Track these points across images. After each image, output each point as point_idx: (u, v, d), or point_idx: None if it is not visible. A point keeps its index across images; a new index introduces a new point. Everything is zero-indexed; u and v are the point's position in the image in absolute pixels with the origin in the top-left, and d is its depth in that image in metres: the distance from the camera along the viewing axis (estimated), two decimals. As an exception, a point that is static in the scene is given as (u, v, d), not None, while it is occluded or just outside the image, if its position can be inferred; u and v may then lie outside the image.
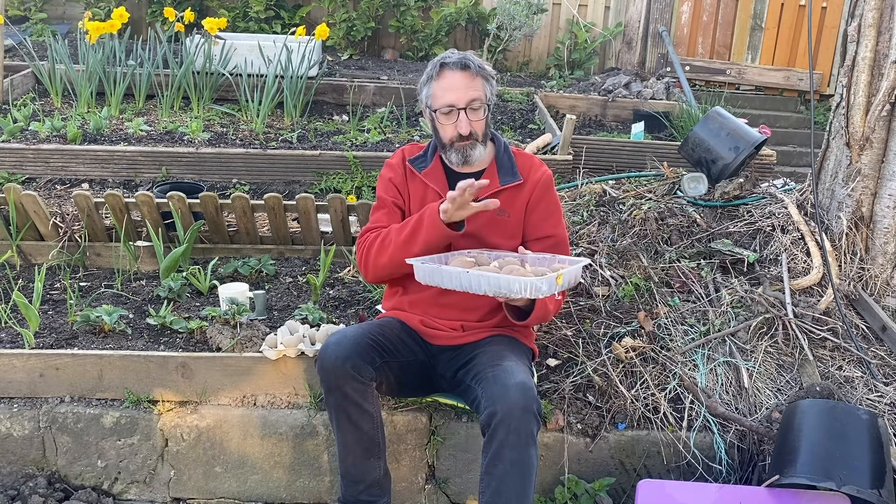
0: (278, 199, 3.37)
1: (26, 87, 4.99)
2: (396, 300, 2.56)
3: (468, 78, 2.35)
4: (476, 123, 2.38)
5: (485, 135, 2.43)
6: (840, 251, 3.18)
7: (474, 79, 2.36)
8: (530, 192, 2.46)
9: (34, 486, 2.60)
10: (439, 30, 6.46)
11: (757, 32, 6.73)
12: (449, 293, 2.36)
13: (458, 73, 2.35)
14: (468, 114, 2.36)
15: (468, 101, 2.35)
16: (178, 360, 2.65)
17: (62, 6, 6.60)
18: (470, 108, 2.36)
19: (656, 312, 3.00)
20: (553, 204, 2.50)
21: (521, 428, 2.10)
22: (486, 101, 2.40)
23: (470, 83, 2.35)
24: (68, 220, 3.44)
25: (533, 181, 2.47)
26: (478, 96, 2.36)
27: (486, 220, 2.42)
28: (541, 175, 2.49)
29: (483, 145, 2.44)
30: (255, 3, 6.25)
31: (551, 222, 2.48)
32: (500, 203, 2.32)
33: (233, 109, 4.82)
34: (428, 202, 2.44)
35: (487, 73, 2.40)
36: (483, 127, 2.41)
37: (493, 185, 2.41)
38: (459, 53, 2.39)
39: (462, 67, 2.35)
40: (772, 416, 2.63)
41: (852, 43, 3.16)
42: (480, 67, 2.38)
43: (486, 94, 2.39)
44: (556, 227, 2.49)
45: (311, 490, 2.72)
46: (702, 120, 3.75)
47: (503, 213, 2.44)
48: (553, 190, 2.52)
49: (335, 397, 2.31)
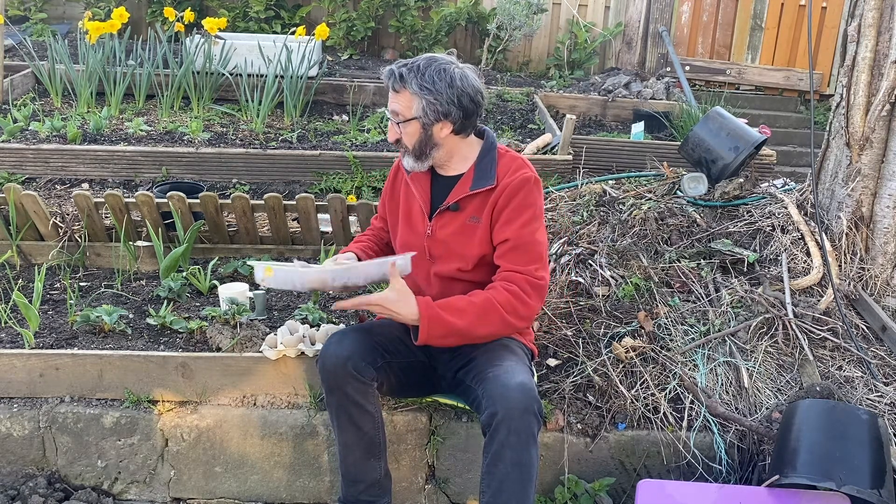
0: (278, 199, 3.37)
1: (26, 87, 4.99)
2: None
3: (392, 91, 2.29)
4: (404, 135, 2.32)
5: (416, 149, 2.32)
6: (840, 251, 3.18)
7: (399, 93, 2.27)
8: (499, 194, 2.32)
9: (34, 486, 2.60)
10: (439, 30, 6.46)
11: (757, 32, 6.73)
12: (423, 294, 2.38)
13: (388, 84, 2.31)
14: (397, 124, 2.32)
15: (391, 112, 2.33)
16: (178, 360, 2.65)
17: (62, 6, 6.60)
18: (393, 120, 2.32)
19: (656, 312, 3.00)
20: (521, 207, 2.31)
21: (522, 428, 2.10)
22: (415, 116, 2.26)
23: (394, 96, 2.29)
24: (68, 220, 3.44)
25: (503, 185, 2.32)
26: (397, 110, 2.29)
27: (458, 227, 2.37)
28: (514, 178, 2.32)
29: (413, 158, 2.35)
30: (255, 3, 6.25)
31: (513, 226, 2.30)
32: (472, 209, 2.32)
33: (233, 109, 4.82)
34: (412, 203, 2.45)
35: (422, 88, 2.23)
36: (411, 141, 2.31)
37: (464, 189, 2.37)
38: (398, 64, 2.29)
39: (386, 79, 2.30)
40: (772, 416, 2.63)
41: (852, 43, 3.16)
42: (403, 81, 2.24)
43: (413, 110, 2.26)
44: (518, 231, 2.30)
45: (311, 490, 2.72)
46: (702, 120, 3.75)
47: (475, 220, 2.35)
48: (525, 191, 2.32)
49: (336, 397, 2.32)
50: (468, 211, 2.35)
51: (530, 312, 2.30)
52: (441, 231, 2.38)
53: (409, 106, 2.26)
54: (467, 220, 2.35)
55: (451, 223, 2.37)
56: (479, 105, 2.32)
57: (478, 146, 2.41)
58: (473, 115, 2.31)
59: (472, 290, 2.35)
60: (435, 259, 2.42)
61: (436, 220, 2.39)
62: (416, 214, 2.44)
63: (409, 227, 2.46)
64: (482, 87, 2.33)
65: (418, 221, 2.43)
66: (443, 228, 2.38)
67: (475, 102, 2.29)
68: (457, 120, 2.28)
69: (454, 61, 2.30)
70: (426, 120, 2.27)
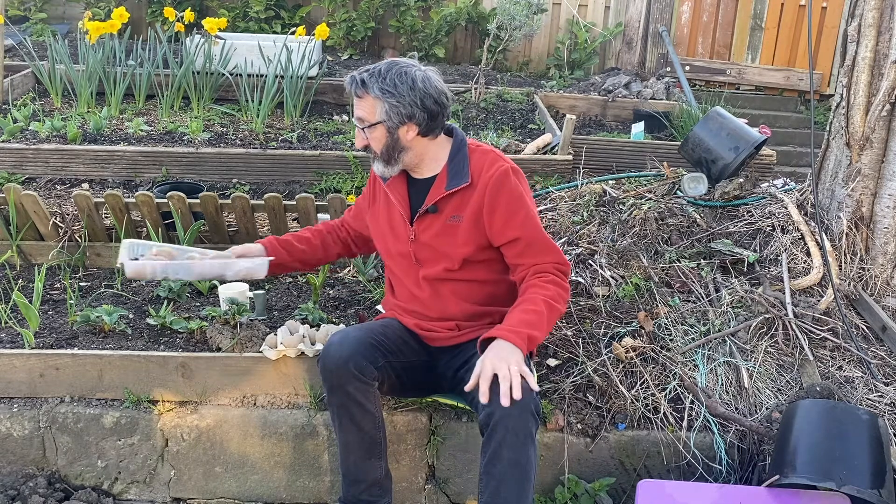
0: (278, 199, 3.37)
1: (26, 87, 4.99)
2: (392, 303, 2.57)
3: (356, 98, 2.31)
4: (371, 140, 2.33)
5: (384, 154, 2.33)
6: (840, 251, 3.18)
7: (362, 99, 2.29)
8: (481, 194, 2.31)
9: (34, 486, 2.60)
10: (439, 30, 6.46)
11: (757, 32, 6.73)
12: (416, 298, 2.43)
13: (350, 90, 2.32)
14: (362, 130, 2.33)
15: (356, 119, 2.34)
16: (178, 360, 2.65)
17: (62, 6, 6.60)
18: (359, 126, 2.34)
19: (656, 312, 3.00)
20: (514, 202, 2.31)
21: (520, 428, 2.10)
22: (380, 120, 2.28)
23: (358, 102, 2.31)
24: (68, 220, 3.44)
25: (483, 182, 2.31)
26: (362, 116, 2.30)
27: (440, 229, 2.37)
28: (492, 173, 2.31)
29: (383, 163, 2.36)
30: (255, 3, 6.25)
31: (516, 222, 2.31)
32: (451, 208, 2.33)
33: (233, 109, 4.82)
34: (392, 211, 2.45)
35: (384, 91, 2.24)
36: (379, 145, 2.32)
37: (440, 190, 2.37)
38: (359, 70, 2.30)
39: (349, 86, 2.31)
40: (772, 416, 2.63)
41: (852, 43, 3.16)
42: (365, 86, 2.26)
43: (378, 114, 2.27)
44: (523, 227, 2.31)
45: (312, 490, 2.72)
46: (702, 120, 3.75)
47: (456, 219, 2.36)
48: (509, 185, 2.31)
49: (338, 396, 2.32)
50: (447, 211, 2.36)
51: (568, 294, 2.38)
52: (424, 234, 2.39)
53: (373, 111, 2.28)
54: (448, 220, 2.36)
55: (432, 225, 2.38)
56: (444, 106, 2.32)
57: (448, 146, 2.41)
58: (439, 116, 2.32)
59: (471, 291, 2.37)
60: (421, 263, 2.43)
61: (417, 225, 2.40)
62: (397, 221, 2.45)
63: (394, 234, 2.47)
64: (446, 89, 2.33)
65: (401, 228, 2.44)
66: (425, 231, 2.39)
67: (439, 104, 2.30)
68: (422, 122, 2.29)
69: (415, 64, 2.31)
70: (391, 123, 2.28)
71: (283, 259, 2.59)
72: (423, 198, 2.39)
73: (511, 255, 2.36)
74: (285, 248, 2.60)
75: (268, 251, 2.56)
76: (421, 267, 2.43)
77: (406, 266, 2.46)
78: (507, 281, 2.45)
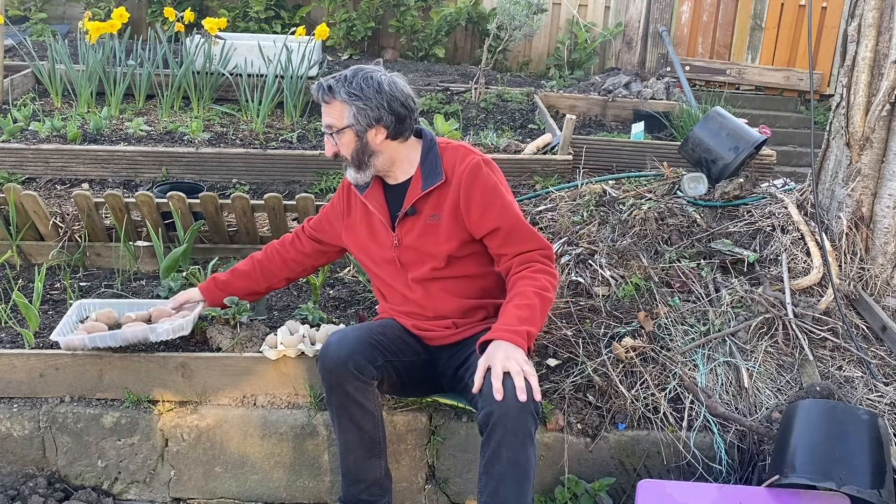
0: (278, 199, 3.37)
1: (26, 87, 4.99)
2: (387, 308, 2.58)
3: (323, 104, 2.34)
4: (340, 146, 2.35)
5: (355, 159, 2.35)
6: (840, 251, 3.18)
7: (329, 105, 2.32)
8: (457, 189, 2.34)
9: (34, 486, 2.60)
10: (439, 30, 6.46)
11: (757, 32, 6.73)
12: (409, 300, 2.44)
13: (318, 97, 2.35)
14: (331, 136, 2.35)
15: (325, 126, 2.36)
16: (178, 360, 2.65)
17: (62, 6, 6.60)
18: (327, 133, 2.36)
19: (656, 312, 3.00)
20: (488, 192, 2.33)
21: (519, 427, 2.10)
22: (348, 125, 2.30)
23: (325, 109, 2.34)
24: (68, 220, 3.44)
25: (457, 177, 2.34)
26: (330, 122, 2.33)
27: (421, 229, 2.38)
28: (464, 167, 2.33)
29: (354, 168, 2.38)
30: (255, 3, 6.25)
31: (492, 213, 2.32)
32: (429, 208, 2.35)
33: (233, 109, 4.82)
34: (371, 220, 2.46)
35: (350, 95, 2.28)
36: (348, 150, 2.34)
37: (416, 191, 2.38)
38: (325, 78, 2.34)
39: (316, 93, 2.33)
40: (772, 416, 2.63)
41: (852, 43, 3.16)
42: (332, 91, 2.29)
43: (345, 119, 2.30)
44: (500, 216, 2.33)
45: (312, 490, 2.72)
46: (702, 120, 3.75)
47: (435, 217, 2.37)
48: (482, 176, 2.33)
49: (337, 396, 2.32)
50: (426, 211, 2.38)
51: (556, 280, 2.39)
52: (407, 237, 2.40)
53: (341, 116, 2.31)
54: (428, 219, 2.38)
55: (413, 227, 2.39)
56: (412, 109, 2.35)
57: (419, 147, 2.43)
58: (406, 119, 2.35)
59: (461, 287, 2.41)
60: (407, 266, 2.44)
61: (399, 229, 2.41)
62: (378, 229, 2.46)
63: (376, 242, 2.47)
64: (412, 93, 2.37)
65: (383, 235, 2.45)
66: (408, 234, 2.40)
67: (406, 107, 2.33)
68: (389, 125, 2.32)
69: (381, 70, 2.35)
70: (359, 127, 2.30)
71: (216, 301, 2.69)
72: (400, 202, 2.41)
73: (493, 245, 2.38)
74: (222, 288, 2.69)
75: (204, 295, 2.68)
76: (408, 270, 2.44)
77: (393, 271, 2.47)
78: (496, 272, 2.46)
